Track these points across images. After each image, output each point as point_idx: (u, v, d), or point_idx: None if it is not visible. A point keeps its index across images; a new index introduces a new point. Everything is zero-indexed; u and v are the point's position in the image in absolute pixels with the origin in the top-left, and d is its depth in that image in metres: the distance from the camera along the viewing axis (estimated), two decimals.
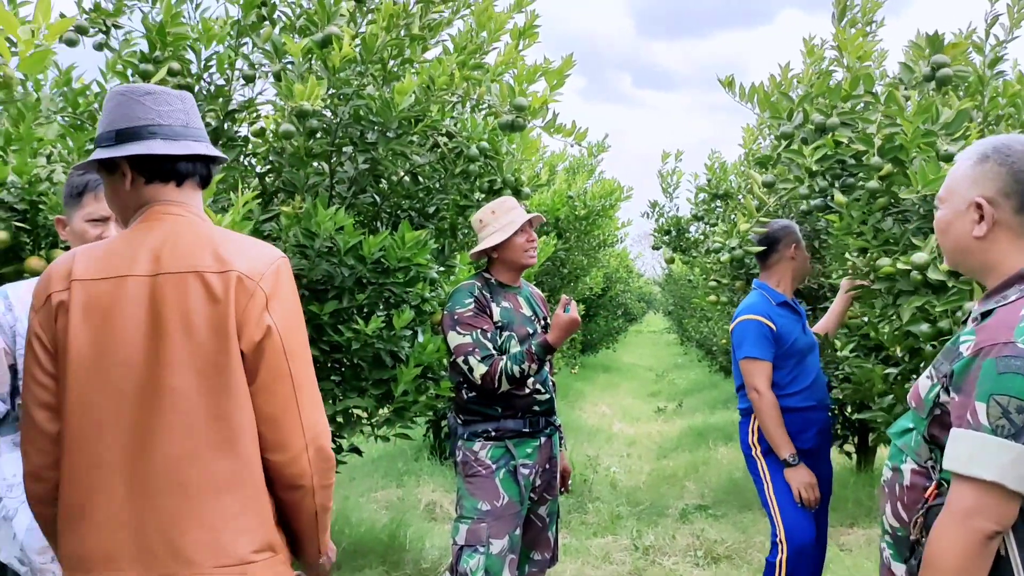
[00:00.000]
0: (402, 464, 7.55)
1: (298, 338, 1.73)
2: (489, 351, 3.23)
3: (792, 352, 3.57)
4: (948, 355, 1.70)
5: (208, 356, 1.62)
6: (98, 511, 1.60)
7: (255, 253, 1.73)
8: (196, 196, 1.82)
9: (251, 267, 1.68)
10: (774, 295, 3.67)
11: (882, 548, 1.86)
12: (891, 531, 1.81)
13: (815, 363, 3.66)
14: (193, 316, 1.63)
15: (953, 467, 1.57)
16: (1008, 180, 1.68)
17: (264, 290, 1.67)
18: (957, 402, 1.61)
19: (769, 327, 3.55)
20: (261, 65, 3.82)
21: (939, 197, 1.85)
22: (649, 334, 39.19)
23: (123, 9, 3.75)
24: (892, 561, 1.80)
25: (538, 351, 3.19)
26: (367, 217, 4.16)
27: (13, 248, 3.29)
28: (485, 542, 3.19)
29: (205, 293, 1.63)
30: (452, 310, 3.30)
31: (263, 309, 1.66)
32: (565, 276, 9.83)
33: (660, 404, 13.15)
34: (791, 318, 3.64)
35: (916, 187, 2.89)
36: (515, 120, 3.74)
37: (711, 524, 5.93)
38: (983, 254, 1.73)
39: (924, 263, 2.90)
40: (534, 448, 3.37)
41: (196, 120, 1.81)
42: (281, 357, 1.67)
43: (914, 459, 1.77)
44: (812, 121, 3.44)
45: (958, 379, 1.62)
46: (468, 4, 3.99)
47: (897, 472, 1.81)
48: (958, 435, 1.58)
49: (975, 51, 3.53)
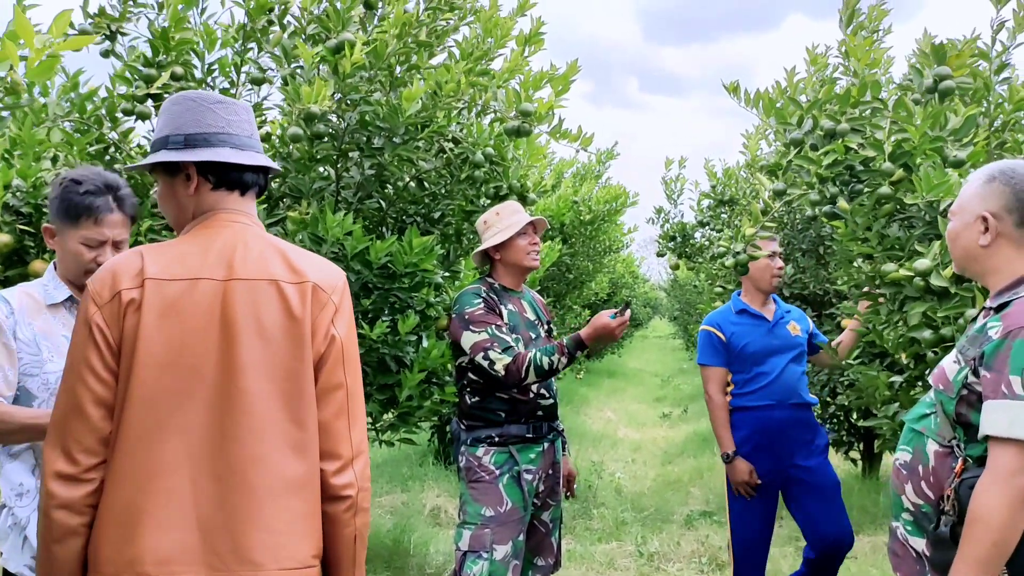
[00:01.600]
0: (406, 469, 7.55)
1: (354, 351, 1.80)
2: (508, 343, 3.17)
3: (744, 355, 3.93)
4: (975, 341, 1.95)
5: (283, 362, 1.67)
6: (160, 511, 1.58)
7: (326, 267, 1.81)
8: (254, 206, 1.86)
9: (325, 279, 1.77)
10: (736, 304, 4.06)
11: (894, 528, 2.11)
12: (913, 509, 2.05)
13: (779, 364, 3.92)
14: (267, 322, 1.67)
15: (994, 431, 1.81)
16: (1011, 198, 1.99)
17: (335, 302, 1.75)
18: (990, 378, 1.85)
19: (718, 336, 3.98)
20: (269, 69, 3.83)
21: (951, 211, 2.13)
22: (655, 339, 39.15)
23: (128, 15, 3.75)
24: (910, 537, 2.06)
25: (570, 345, 3.12)
26: (373, 222, 4.16)
27: (17, 251, 3.30)
28: (489, 548, 3.18)
29: (280, 301, 1.69)
30: (461, 311, 3.27)
31: (331, 320, 1.74)
32: (571, 281, 9.82)
33: (665, 409, 13.12)
34: (748, 324, 3.98)
35: (921, 193, 2.88)
36: (521, 125, 3.74)
37: (716, 530, 5.91)
38: (987, 260, 2.04)
39: (927, 269, 2.90)
40: (537, 453, 3.37)
41: (256, 131, 1.86)
42: (340, 367, 1.74)
43: (936, 440, 2.02)
44: (821, 127, 3.43)
45: (989, 359, 1.87)
46: (474, 11, 3.99)
47: (920, 453, 2.05)
48: (995, 406, 1.82)
49: (981, 58, 3.51)
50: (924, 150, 3.12)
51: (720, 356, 3.97)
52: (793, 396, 3.91)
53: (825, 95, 3.48)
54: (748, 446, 3.89)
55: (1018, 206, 1.97)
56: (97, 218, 2.33)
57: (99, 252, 2.36)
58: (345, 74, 3.40)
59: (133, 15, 3.83)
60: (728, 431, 3.92)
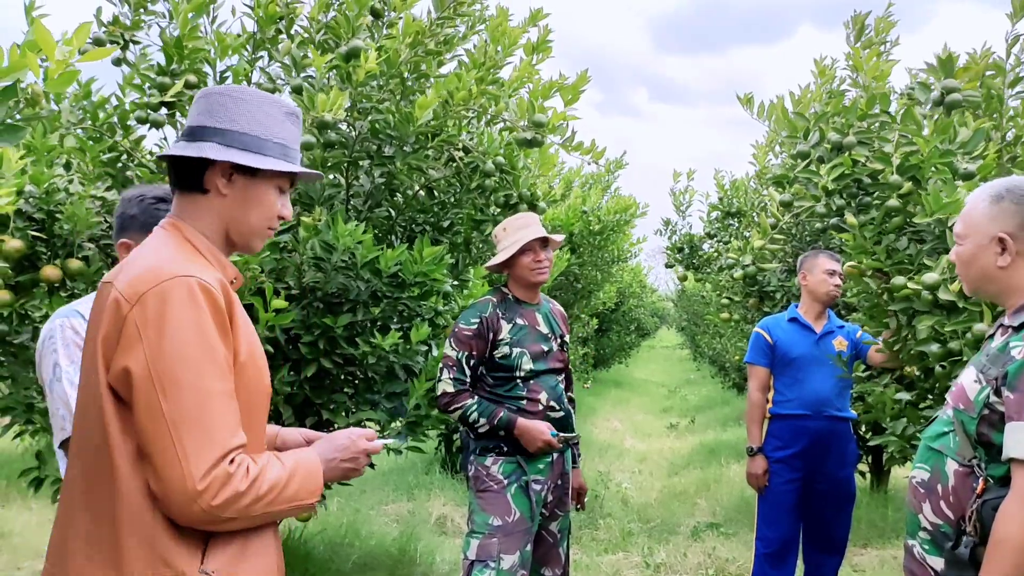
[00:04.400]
0: (413, 477, 7.54)
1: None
2: (464, 379, 3.31)
3: (785, 362, 4.17)
4: (996, 360, 1.93)
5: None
6: None
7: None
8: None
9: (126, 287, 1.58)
10: (790, 312, 4.28)
11: (911, 547, 2.07)
12: (931, 528, 2.01)
13: (819, 375, 4.10)
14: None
15: (1019, 454, 1.78)
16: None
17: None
18: (1013, 399, 1.83)
19: (766, 338, 4.23)
20: (279, 78, 3.85)
21: (957, 234, 2.10)
22: (662, 349, 39.06)
23: (140, 23, 3.79)
24: (928, 556, 2.02)
25: (500, 422, 3.25)
26: (382, 231, 4.17)
27: (29, 257, 3.32)
28: (496, 557, 3.18)
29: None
30: (458, 323, 3.36)
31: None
32: (579, 291, 9.82)
33: (672, 420, 13.09)
34: (796, 333, 4.20)
35: (929, 211, 2.88)
36: (534, 137, 3.75)
37: (722, 542, 5.89)
38: (1007, 280, 2.01)
39: (935, 283, 2.90)
40: (546, 464, 3.37)
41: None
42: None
43: (955, 459, 1.98)
44: (828, 140, 3.43)
45: (1013, 379, 1.84)
46: (483, 19, 4.01)
47: (938, 472, 2.02)
48: (1019, 427, 1.80)
49: (997, 72, 3.50)
50: (933, 163, 3.12)
51: (765, 357, 4.23)
52: (830, 408, 4.10)
53: (833, 108, 3.49)
54: (783, 452, 4.13)
55: None
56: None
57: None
58: (358, 82, 3.42)
59: (145, 23, 3.86)
60: (758, 427, 4.21)
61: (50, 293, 3.32)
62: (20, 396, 3.66)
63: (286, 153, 1.72)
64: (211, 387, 1.47)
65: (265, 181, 1.70)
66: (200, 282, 1.51)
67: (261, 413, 1.66)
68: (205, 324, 1.49)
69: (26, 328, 3.37)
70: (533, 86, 3.94)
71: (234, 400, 1.51)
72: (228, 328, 1.55)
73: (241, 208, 1.69)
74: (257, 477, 1.48)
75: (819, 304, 4.20)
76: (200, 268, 1.57)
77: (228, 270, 1.68)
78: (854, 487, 4.23)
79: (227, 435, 1.47)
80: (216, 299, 1.52)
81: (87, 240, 3.41)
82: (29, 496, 6.32)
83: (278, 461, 1.56)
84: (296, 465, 1.59)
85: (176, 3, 3.46)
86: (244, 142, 1.66)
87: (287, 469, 1.56)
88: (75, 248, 3.35)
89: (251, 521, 1.51)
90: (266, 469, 1.52)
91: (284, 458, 1.59)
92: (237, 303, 1.60)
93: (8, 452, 7.72)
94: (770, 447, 4.19)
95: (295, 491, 1.56)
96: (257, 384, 1.63)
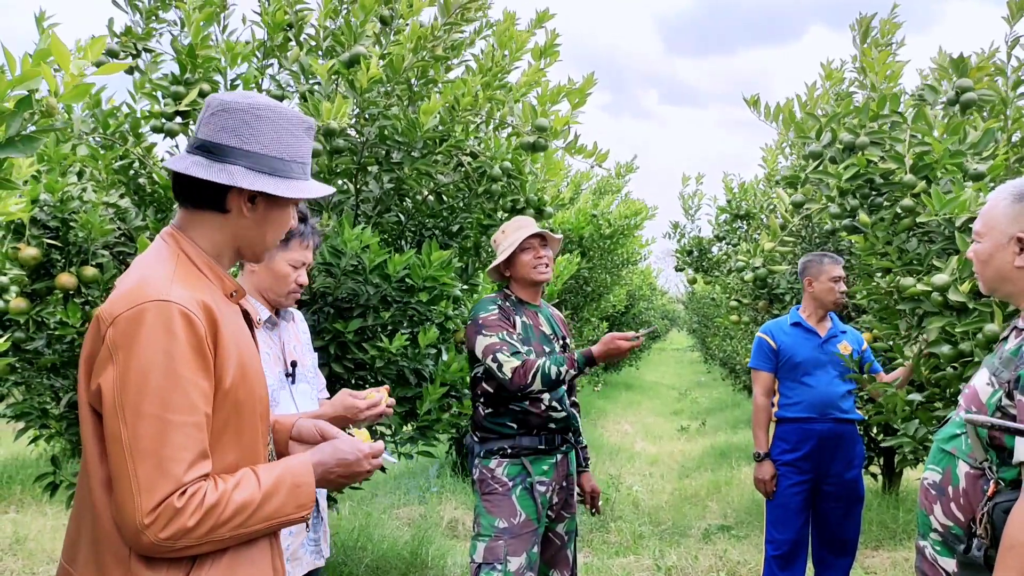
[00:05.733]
0: (424, 481, 7.56)
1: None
2: (517, 348, 3.22)
3: (790, 366, 4.20)
4: (1009, 364, 1.94)
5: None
6: None
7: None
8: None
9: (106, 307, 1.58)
10: (793, 316, 4.30)
11: (922, 548, 2.09)
12: (942, 530, 2.02)
13: (824, 378, 4.12)
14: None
15: None
16: None
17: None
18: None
19: (770, 343, 4.26)
20: (288, 85, 3.87)
21: (976, 232, 2.10)
22: (673, 352, 39.01)
23: (152, 32, 3.82)
24: (939, 557, 2.04)
25: (580, 359, 3.16)
26: (392, 236, 4.19)
27: (44, 265, 3.35)
28: (503, 559, 3.19)
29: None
30: (476, 316, 3.32)
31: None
32: (588, 294, 9.83)
33: (683, 423, 13.07)
34: (799, 337, 4.22)
35: (934, 210, 2.88)
36: (537, 141, 3.77)
37: (734, 545, 5.89)
38: (1023, 281, 2.00)
39: (945, 284, 2.90)
40: (550, 465, 3.38)
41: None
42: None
43: (967, 461, 1.98)
44: (841, 140, 3.43)
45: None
46: (490, 24, 4.03)
47: (950, 474, 2.02)
48: None
49: (998, 73, 3.51)
50: (945, 163, 3.13)
51: (769, 362, 4.27)
52: (836, 411, 4.13)
53: (844, 109, 3.50)
54: (790, 456, 4.16)
55: None
56: (303, 240, 2.59)
57: (300, 272, 2.61)
58: (363, 88, 3.44)
59: (157, 32, 3.89)
60: (764, 432, 4.26)
61: (65, 300, 3.35)
62: (35, 402, 3.69)
63: (305, 171, 1.71)
64: (172, 418, 1.44)
65: (285, 203, 1.70)
66: (180, 308, 1.48)
67: (257, 427, 1.64)
68: (177, 352, 1.46)
69: (41, 335, 3.40)
70: (541, 90, 3.95)
71: (199, 431, 1.48)
72: (208, 355, 1.51)
73: (259, 228, 1.68)
74: (216, 504, 1.46)
75: (822, 309, 4.23)
76: (188, 287, 1.54)
77: (227, 283, 1.67)
78: (862, 488, 4.25)
79: (181, 468, 1.44)
80: (195, 326, 1.49)
81: (101, 247, 3.45)
82: (44, 501, 6.39)
83: (254, 481, 1.53)
84: (279, 481, 1.56)
85: (188, 12, 3.49)
86: (272, 166, 1.63)
87: (263, 489, 1.53)
88: (90, 255, 3.39)
89: (219, 544, 1.49)
90: (235, 492, 1.49)
91: (267, 474, 1.56)
92: (224, 322, 1.56)
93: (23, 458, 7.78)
94: (777, 450, 4.21)
95: (276, 508, 1.54)
96: (250, 401, 1.61)
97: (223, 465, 1.54)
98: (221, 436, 1.55)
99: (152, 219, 3.53)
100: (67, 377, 3.57)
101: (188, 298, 1.51)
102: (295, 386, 2.64)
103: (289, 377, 2.63)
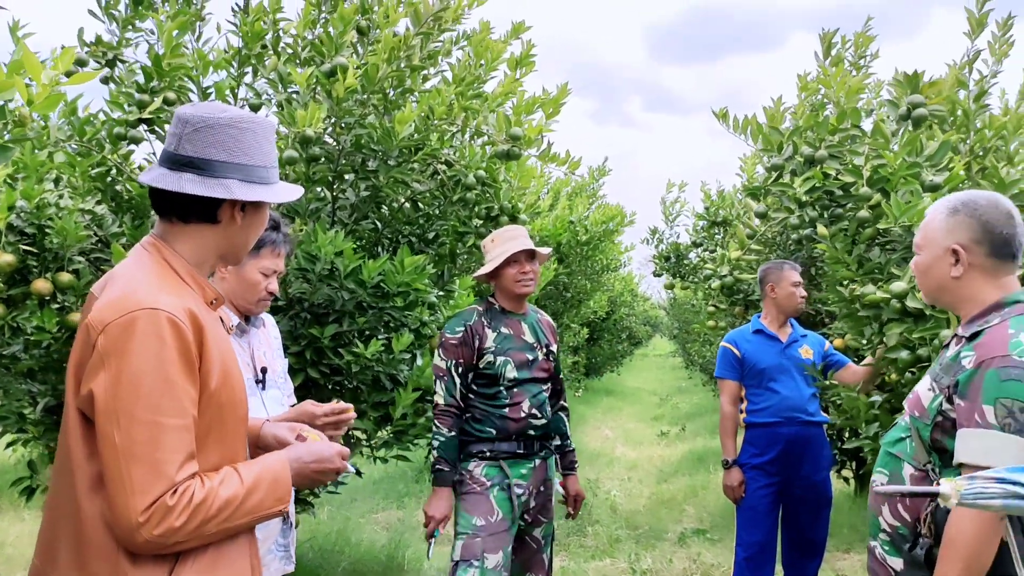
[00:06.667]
0: (403, 486, 7.60)
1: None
2: (454, 389, 3.37)
3: (755, 373, 4.27)
4: (948, 369, 2.02)
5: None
6: None
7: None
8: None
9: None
10: (754, 324, 4.38)
11: (872, 548, 2.17)
12: (890, 530, 2.11)
13: (788, 383, 4.20)
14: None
15: (968, 459, 1.87)
16: (978, 230, 2.04)
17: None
18: (964, 407, 1.92)
19: (734, 352, 4.33)
20: (266, 94, 3.92)
21: (916, 244, 2.18)
22: (655, 358, 39.13)
23: (125, 43, 3.86)
24: (888, 556, 2.12)
25: (434, 472, 3.35)
26: (369, 242, 4.24)
27: (20, 271, 3.38)
28: (480, 556, 3.24)
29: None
30: (444, 332, 3.43)
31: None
32: (568, 300, 9.90)
33: (663, 428, 13.14)
34: (762, 343, 4.30)
35: (893, 218, 2.97)
36: (511, 149, 3.84)
37: (708, 548, 5.97)
38: (960, 290, 2.09)
39: (902, 291, 2.99)
40: (528, 469, 3.43)
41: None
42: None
43: (912, 463, 2.08)
44: (801, 153, 3.52)
45: (963, 388, 1.93)
46: (467, 35, 4.09)
47: (896, 476, 2.11)
48: (969, 434, 1.89)
49: (960, 86, 3.61)
50: (901, 176, 3.22)
51: (734, 371, 4.35)
52: (802, 414, 4.21)
53: (807, 122, 3.59)
54: (758, 459, 4.24)
55: (986, 237, 2.02)
56: (274, 248, 2.61)
57: (271, 280, 2.64)
58: (339, 98, 3.50)
59: (132, 41, 3.93)
60: (732, 440, 4.34)
61: (41, 306, 3.38)
62: (13, 407, 3.72)
63: (277, 174, 1.80)
64: (164, 422, 1.51)
65: (266, 206, 1.79)
66: (168, 316, 1.54)
67: (238, 429, 1.72)
68: (167, 359, 1.52)
69: (17, 340, 3.43)
70: (517, 100, 4.02)
71: (188, 433, 1.55)
72: (194, 361, 1.57)
73: (245, 233, 1.77)
74: (204, 501, 1.53)
75: (783, 315, 4.31)
76: (173, 295, 1.60)
77: (207, 291, 1.73)
78: (830, 491, 4.33)
79: (173, 469, 1.51)
80: (183, 333, 1.55)
81: (77, 253, 3.48)
82: (21, 506, 6.39)
83: (237, 478, 1.61)
84: (260, 477, 1.65)
85: (160, 22, 3.54)
86: (260, 175, 1.72)
87: (246, 485, 1.61)
88: (65, 262, 3.42)
89: (207, 539, 1.57)
90: (220, 488, 1.57)
91: (248, 471, 1.64)
92: (208, 329, 1.62)
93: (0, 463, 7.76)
94: (746, 455, 4.30)
95: (258, 502, 1.62)
96: (232, 403, 1.68)
97: (207, 465, 1.61)
98: (206, 438, 1.61)
99: (128, 225, 3.57)
100: (44, 382, 3.60)
101: (176, 306, 1.57)
102: (265, 392, 2.68)
103: (259, 384, 2.67)
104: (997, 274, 2.05)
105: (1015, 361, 1.88)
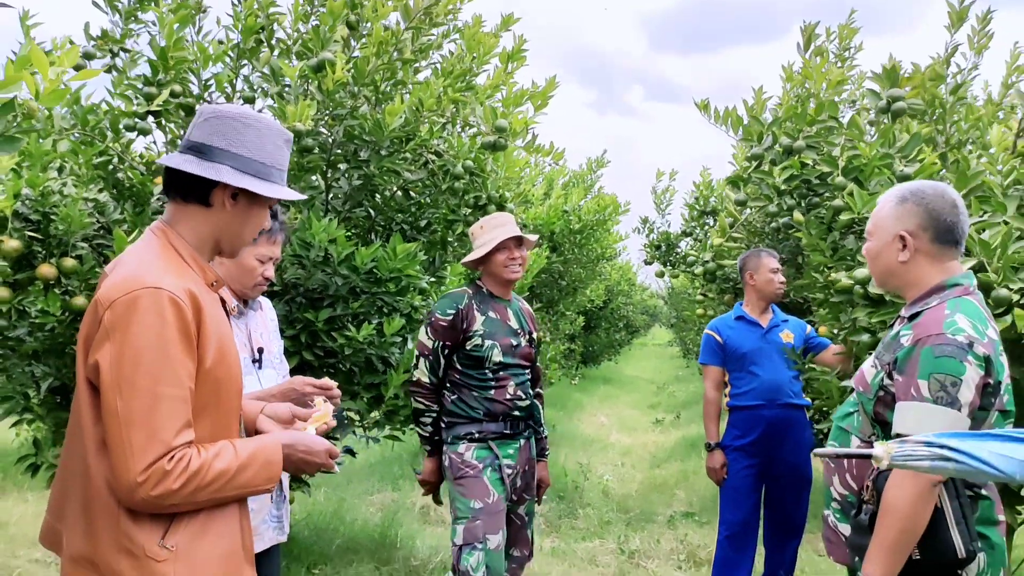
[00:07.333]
0: (398, 468, 7.73)
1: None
2: (438, 368, 3.51)
3: (737, 357, 4.42)
4: (889, 347, 2.17)
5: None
6: None
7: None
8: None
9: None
10: (736, 311, 4.53)
11: (826, 516, 2.34)
12: (840, 498, 2.27)
13: (769, 367, 4.32)
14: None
15: (904, 430, 1.99)
16: (925, 217, 2.16)
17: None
18: (901, 382, 2.06)
19: (716, 339, 4.49)
20: (261, 87, 4.04)
21: (867, 231, 2.31)
22: (654, 347, 39.26)
23: (129, 34, 3.97)
24: (839, 523, 2.28)
25: (436, 445, 3.61)
26: (362, 230, 4.36)
27: (26, 256, 3.50)
28: (482, 538, 3.34)
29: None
30: (433, 311, 3.53)
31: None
32: (564, 288, 9.99)
33: (658, 415, 13.28)
34: (743, 329, 4.44)
35: (857, 209, 3.09)
36: (497, 141, 3.95)
37: (695, 530, 6.11)
38: (906, 275, 2.22)
39: (865, 278, 3.12)
40: (515, 449, 3.55)
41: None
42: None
43: (858, 436, 2.24)
44: (780, 144, 3.64)
45: (902, 364, 2.08)
46: (457, 29, 4.20)
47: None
48: (905, 407, 2.04)
49: (937, 80, 3.72)
50: (875, 166, 3.34)
51: (717, 357, 4.51)
52: (783, 397, 4.35)
53: (786, 114, 3.70)
54: (741, 441, 4.39)
55: (932, 224, 2.15)
56: (271, 236, 2.73)
57: (267, 267, 2.75)
58: (329, 91, 3.61)
59: (135, 33, 4.04)
60: (715, 424, 4.51)
61: (45, 290, 3.50)
62: (17, 389, 3.84)
63: (283, 177, 1.94)
64: (162, 391, 1.64)
65: (262, 203, 1.93)
66: (170, 295, 1.68)
67: (232, 403, 1.86)
68: (167, 335, 1.66)
69: (23, 323, 3.55)
70: (506, 92, 4.13)
71: (185, 404, 1.69)
72: (192, 338, 1.71)
73: (238, 224, 1.90)
74: (199, 469, 1.67)
75: (764, 301, 4.44)
76: (176, 276, 1.74)
77: (208, 274, 1.87)
78: (811, 472, 4.44)
79: (170, 435, 1.64)
80: (183, 312, 1.69)
81: (80, 240, 3.60)
82: (25, 487, 6.53)
83: (232, 453, 1.75)
84: (253, 456, 1.79)
85: (162, 15, 3.65)
86: (255, 168, 1.85)
87: (240, 460, 1.75)
88: (69, 247, 3.53)
89: (197, 505, 1.71)
90: (215, 460, 1.71)
91: (243, 448, 1.78)
92: (207, 309, 1.76)
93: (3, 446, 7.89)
94: (729, 437, 4.45)
95: (249, 478, 1.77)
96: (227, 380, 1.82)
97: (202, 435, 1.76)
98: (202, 411, 1.76)
99: (130, 213, 3.69)
100: (48, 364, 3.72)
101: (177, 286, 1.71)
102: (261, 371, 2.81)
103: (256, 363, 2.80)
104: (941, 259, 2.18)
105: (948, 339, 2.02)
